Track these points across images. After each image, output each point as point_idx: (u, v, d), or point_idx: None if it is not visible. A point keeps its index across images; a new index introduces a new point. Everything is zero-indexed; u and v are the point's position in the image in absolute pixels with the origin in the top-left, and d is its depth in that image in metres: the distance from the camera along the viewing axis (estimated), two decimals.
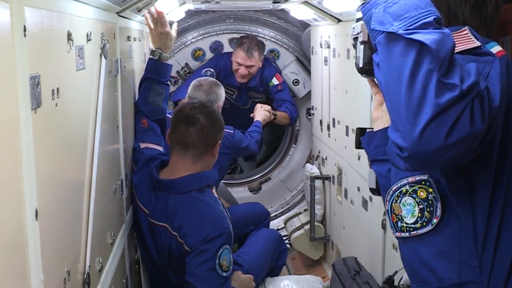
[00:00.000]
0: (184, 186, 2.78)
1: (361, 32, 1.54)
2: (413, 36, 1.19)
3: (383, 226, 2.73)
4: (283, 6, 4.16)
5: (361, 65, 1.56)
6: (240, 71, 4.56)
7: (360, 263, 3.00)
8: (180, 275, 2.72)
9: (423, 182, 1.44)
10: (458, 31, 1.39)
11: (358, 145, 1.96)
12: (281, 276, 3.41)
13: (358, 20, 1.58)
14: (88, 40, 1.85)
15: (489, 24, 1.49)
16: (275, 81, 4.76)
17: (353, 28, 1.61)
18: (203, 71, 4.64)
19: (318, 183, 4.10)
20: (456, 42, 1.28)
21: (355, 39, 1.59)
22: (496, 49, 1.41)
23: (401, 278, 2.10)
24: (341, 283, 2.83)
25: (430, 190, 1.42)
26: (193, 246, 2.63)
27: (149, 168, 2.87)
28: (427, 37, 1.19)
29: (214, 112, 2.98)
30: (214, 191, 2.95)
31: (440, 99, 1.16)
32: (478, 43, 1.38)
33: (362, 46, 1.55)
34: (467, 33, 1.39)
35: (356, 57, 1.60)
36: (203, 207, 2.73)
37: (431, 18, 1.22)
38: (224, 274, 2.63)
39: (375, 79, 1.69)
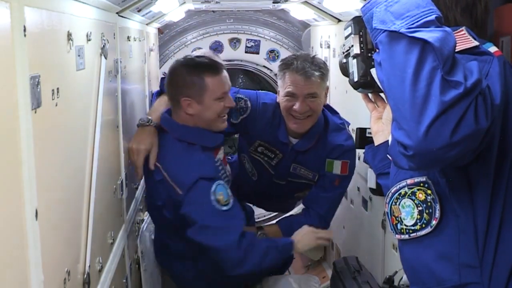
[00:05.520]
0: None
1: (352, 46, 1.54)
2: (416, 34, 1.19)
3: (383, 226, 2.73)
4: (283, 6, 4.16)
5: (356, 79, 1.55)
6: (297, 107, 2.70)
7: (361, 262, 2.99)
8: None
9: (421, 184, 1.43)
10: (456, 32, 1.39)
11: (359, 145, 1.96)
12: (278, 275, 3.39)
13: (347, 37, 1.58)
14: (88, 40, 1.85)
15: (479, 26, 1.49)
16: (337, 168, 2.81)
17: (343, 45, 1.61)
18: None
19: None
20: None
21: (347, 56, 1.59)
22: (492, 49, 1.42)
23: (401, 278, 2.10)
24: (341, 282, 2.83)
25: (429, 191, 1.42)
26: None
27: None
28: (430, 35, 1.19)
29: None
30: None
31: (445, 97, 1.16)
32: (476, 43, 1.38)
33: (355, 61, 1.54)
34: (464, 33, 1.40)
35: (349, 73, 1.59)
36: None
37: (433, 17, 1.22)
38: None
39: (369, 95, 1.68)
